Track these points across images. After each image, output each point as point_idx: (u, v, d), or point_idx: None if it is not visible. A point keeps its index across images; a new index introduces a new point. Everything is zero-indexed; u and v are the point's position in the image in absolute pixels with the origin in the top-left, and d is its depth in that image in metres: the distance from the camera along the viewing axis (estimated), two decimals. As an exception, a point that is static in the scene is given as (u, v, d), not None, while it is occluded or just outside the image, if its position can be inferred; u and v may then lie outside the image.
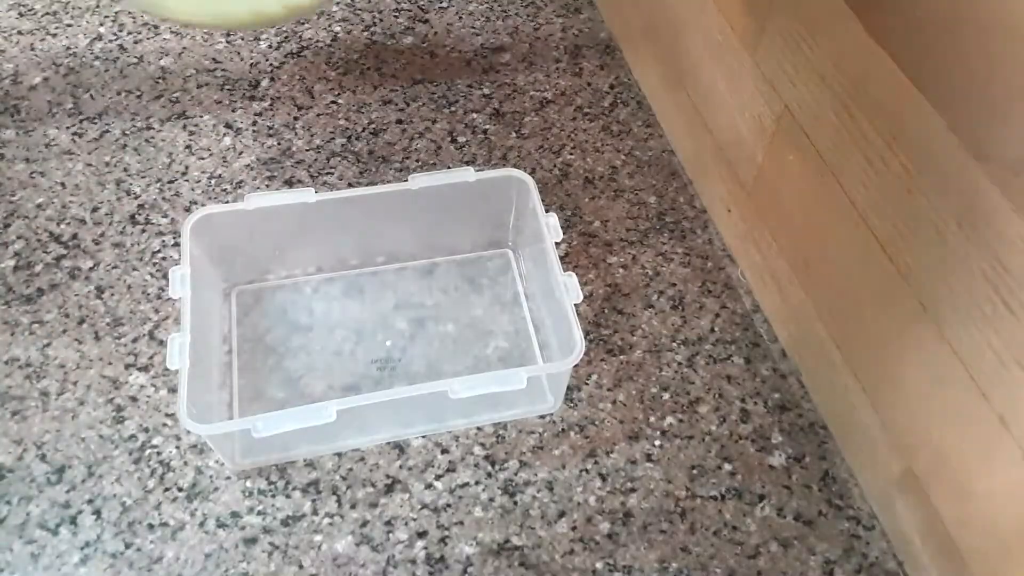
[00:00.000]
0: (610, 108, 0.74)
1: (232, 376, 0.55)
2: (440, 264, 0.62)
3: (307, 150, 0.69)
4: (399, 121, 0.71)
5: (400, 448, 0.53)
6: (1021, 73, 0.34)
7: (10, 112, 0.70)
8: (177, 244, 0.61)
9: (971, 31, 0.36)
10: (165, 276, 0.60)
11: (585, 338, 0.49)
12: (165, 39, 0.78)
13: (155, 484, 0.50)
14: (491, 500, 0.51)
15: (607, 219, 0.66)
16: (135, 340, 0.57)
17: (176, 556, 0.48)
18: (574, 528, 0.50)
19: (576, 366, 0.49)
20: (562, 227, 0.56)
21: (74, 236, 0.62)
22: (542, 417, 0.54)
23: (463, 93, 0.74)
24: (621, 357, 0.58)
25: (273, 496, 0.50)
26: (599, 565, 0.48)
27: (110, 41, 0.77)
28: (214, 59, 0.76)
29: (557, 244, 0.54)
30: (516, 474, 0.52)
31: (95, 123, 0.70)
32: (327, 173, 0.67)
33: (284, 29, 0.79)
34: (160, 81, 0.74)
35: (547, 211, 0.56)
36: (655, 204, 0.67)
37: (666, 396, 0.56)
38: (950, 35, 0.37)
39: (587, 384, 0.56)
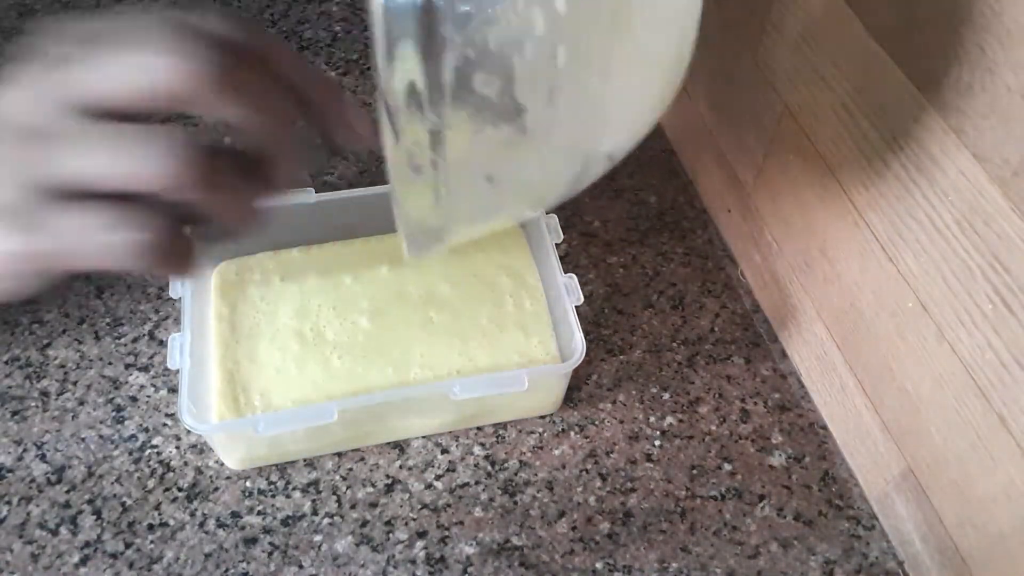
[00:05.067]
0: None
1: (232, 376, 0.55)
2: (440, 264, 0.62)
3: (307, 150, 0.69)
4: (399, 121, 0.71)
5: (400, 448, 0.53)
6: (1020, 73, 0.34)
7: (10, 112, 0.70)
8: (177, 244, 0.61)
9: (971, 31, 0.36)
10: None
11: (585, 338, 0.49)
12: (165, 39, 0.78)
13: (155, 484, 0.50)
14: (491, 500, 0.51)
15: (607, 219, 0.66)
16: (135, 340, 0.57)
17: (176, 556, 0.48)
18: (574, 528, 0.50)
19: (576, 366, 0.49)
20: (562, 227, 0.56)
21: (74, 236, 0.62)
22: (542, 417, 0.54)
23: (463, 93, 0.74)
24: (621, 357, 0.58)
25: (273, 496, 0.50)
26: (599, 565, 0.48)
27: (110, 41, 0.77)
28: (214, 59, 0.76)
29: (557, 245, 0.55)
30: (516, 474, 0.52)
31: (95, 123, 0.70)
32: (327, 173, 0.67)
33: (284, 28, 0.79)
34: (160, 81, 0.74)
35: (547, 212, 0.56)
36: (655, 204, 0.67)
37: (666, 396, 0.56)
38: (950, 35, 0.37)
39: (587, 384, 0.56)
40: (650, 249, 0.64)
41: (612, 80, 0.32)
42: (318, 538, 0.49)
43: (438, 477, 0.52)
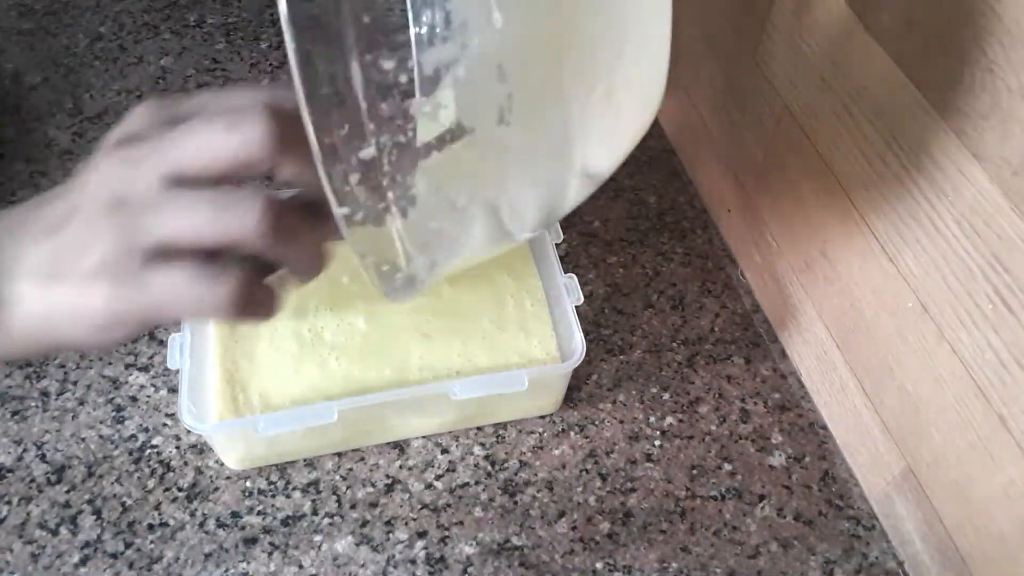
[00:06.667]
0: (610, 108, 0.74)
1: (232, 376, 0.55)
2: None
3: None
4: (399, 121, 0.71)
5: (400, 448, 0.53)
6: (1021, 74, 0.34)
7: (10, 112, 0.70)
8: (177, 244, 0.61)
9: (971, 32, 0.36)
10: (165, 276, 0.60)
11: (585, 338, 0.49)
12: (165, 39, 0.78)
13: (155, 484, 0.50)
14: (491, 500, 0.51)
15: (607, 219, 0.66)
16: (135, 340, 0.57)
17: (176, 556, 0.48)
18: (574, 528, 0.50)
19: (576, 366, 0.49)
20: (562, 227, 0.56)
21: (74, 236, 0.62)
22: (542, 417, 0.54)
23: (463, 93, 0.74)
24: (621, 357, 0.58)
25: (273, 496, 0.50)
26: (599, 565, 0.48)
27: (110, 41, 0.77)
28: (214, 59, 0.76)
29: (557, 245, 0.55)
30: (516, 474, 0.52)
31: (95, 123, 0.70)
32: (327, 173, 0.67)
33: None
34: (160, 81, 0.74)
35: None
36: (655, 204, 0.67)
37: (666, 396, 0.56)
38: (950, 35, 0.37)
39: (587, 384, 0.56)
40: (650, 249, 0.64)
41: (571, 98, 0.32)
42: (318, 538, 0.49)
43: (438, 477, 0.52)
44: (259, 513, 0.50)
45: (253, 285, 0.29)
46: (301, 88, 0.26)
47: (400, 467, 0.52)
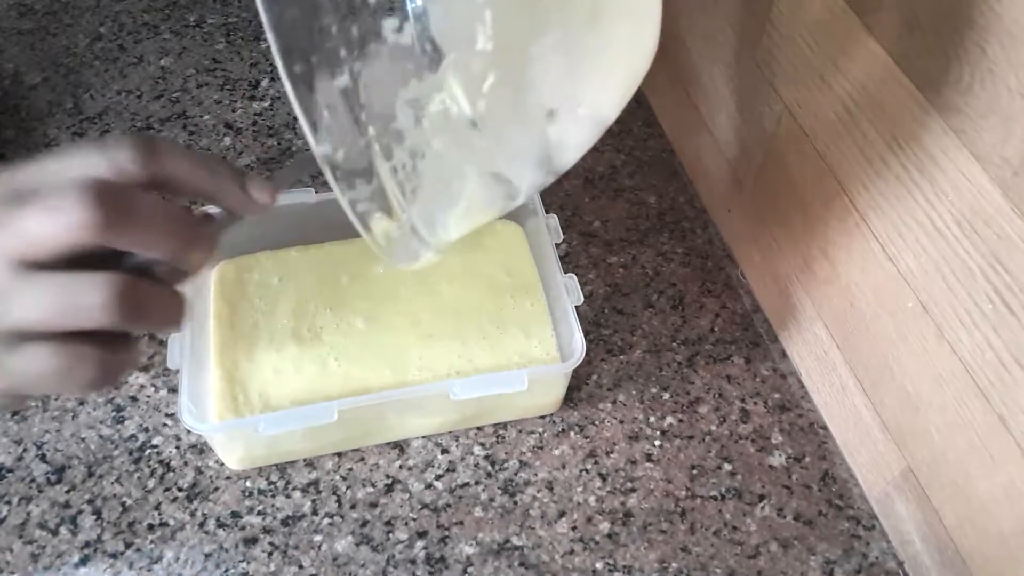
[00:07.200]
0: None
1: (232, 376, 0.55)
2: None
3: (307, 150, 0.69)
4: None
5: (400, 448, 0.53)
6: (1021, 73, 0.34)
7: (10, 112, 0.70)
8: (177, 244, 0.61)
9: (971, 31, 0.36)
10: (165, 276, 0.60)
11: (585, 338, 0.49)
12: (165, 39, 0.78)
13: (155, 484, 0.50)
14: (491, 500, 0.51)
15: (607, 219, 0.66)
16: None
17: (176, 556, 0.48)
18: (574, 528, 0.50)
19: (576, 366, 0.49)
20: (562, 227, 0.56)
21: (74, 236, 0.62)
22: (542, 417, 0.54)
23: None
24: (621, 357, 0.58)
25: (273, 496, 0.50)
26: (599, 565, 0.48)
27: (110, 41, 0.77)
28: (214, 59, 0.76)
29: (557, 245, 0.55)
30: (516, 474, 0.52)
31: (95, 123, 0.70)
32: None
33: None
34: (160, 81, 0.74)
35: (547, 212, 0.56)
36: (655, 204, 0.67)
37: (666, 396, 0.56)
38: (950, 35, 0.37)
39: (587, 384, 0.56)
40: (650, 249, 0.64)
41: (552, 18, 0.30)
42: (318, 538, 0.49)
43: (438, 477, 0.52)
44: (259, 513, 0.50)
45: (115, 355, 0.30)
46: (266, 14, 0.24)
47: (400, 467, 0.52)
